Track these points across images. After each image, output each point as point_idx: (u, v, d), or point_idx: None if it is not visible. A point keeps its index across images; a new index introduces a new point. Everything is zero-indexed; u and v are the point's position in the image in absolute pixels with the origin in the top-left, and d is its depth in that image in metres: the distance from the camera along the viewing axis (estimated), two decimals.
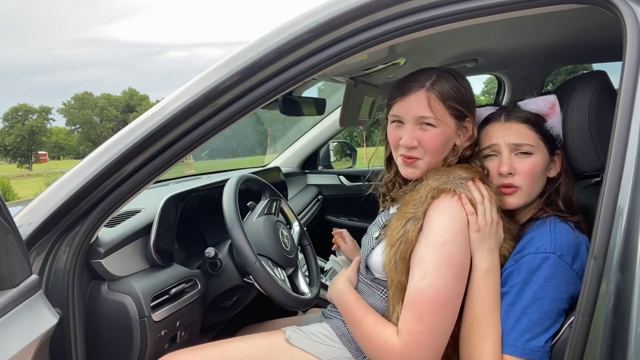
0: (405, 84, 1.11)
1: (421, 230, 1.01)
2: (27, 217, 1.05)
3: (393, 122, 1.13)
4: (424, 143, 1.08)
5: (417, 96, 1.08)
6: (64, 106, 66.70)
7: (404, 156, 1.11)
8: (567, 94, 1.09)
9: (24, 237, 0.99)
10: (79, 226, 1.08)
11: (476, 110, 1.18)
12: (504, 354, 0.96)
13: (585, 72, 1.28)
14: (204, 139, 1.05)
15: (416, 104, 1.07)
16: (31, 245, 1.05)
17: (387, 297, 1.09)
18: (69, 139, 68.28)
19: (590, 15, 1.09)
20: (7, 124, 59.82)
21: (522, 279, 0.98)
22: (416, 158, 1.10)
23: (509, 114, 1.14)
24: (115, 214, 1.12)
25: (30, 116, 60.84)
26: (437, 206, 1.02)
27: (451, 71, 1.13)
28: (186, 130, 1.04)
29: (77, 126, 67.54)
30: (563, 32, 1.46)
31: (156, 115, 1.04)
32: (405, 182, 1.16)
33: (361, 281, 1.18)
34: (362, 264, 1.18)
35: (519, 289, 0.98)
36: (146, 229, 1.33)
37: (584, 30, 1.41)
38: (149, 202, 1.46)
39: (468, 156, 1.13)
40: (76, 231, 1.08)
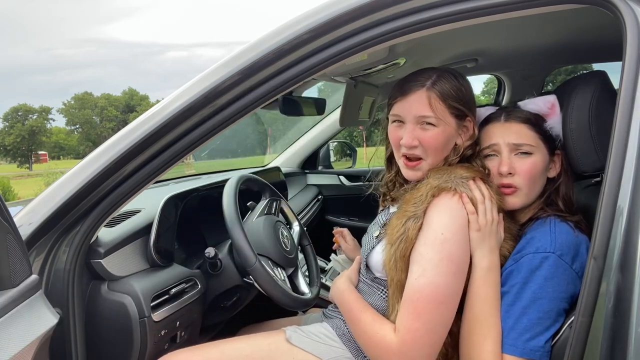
0: (405, 83, 1.11)
1: (421, 229, 1.01)
2: (27, 217, 1.05)
3: (394, 121, 1.13)
4: (425, 142, 1.08)
5: (417, 96, 1.08)
6: (64, 106, 66.71)
7: (406, 158, 1.11)
8: (567, 94, 1.09)
9: (24, 237, 0.99)
10: (79, 226, 1.08)
11: (477, 110, 1.19)
12: (504, 353, 0.96)
13: (585, 72, 1.28)
14: (204, 139, 1.05)
15: (417, 103, 1.08)
16: (31, 245, 1.05)
17: (388, 297, 1.09)
18: (69, 139, 68.27)
19: (590, 15, 1.09)
20: (7, 124, 59.83)
21: (522, 278, 0.98)
22: (419, 159, 1.10)
23: (509, 114, 1.14)
24: (115, 214, 1.12)
25: (30, 116, 60.84)
26: (437, 204, 1.02)
27: (451, 71, 1.13)
28: (186, 130, 1.04)
29: (77, 126, 67.54)
30: (563, 32, 1.46)
31: (156, 115, 1.04)
32: (406, 182, 1.17)
33: (362, 281, 1.18)
34: (362, 263, 1.18)
35: (519, 288, 0.98)
36: (146, 229, 1.33)
37: (584, 30, 1.41)
38: (149, 202, 1.46)
39: (469, 155, 1.13)
40: (76, 231, 1.08)
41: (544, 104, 1.13)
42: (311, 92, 2.05)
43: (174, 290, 1.27)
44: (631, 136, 0.77)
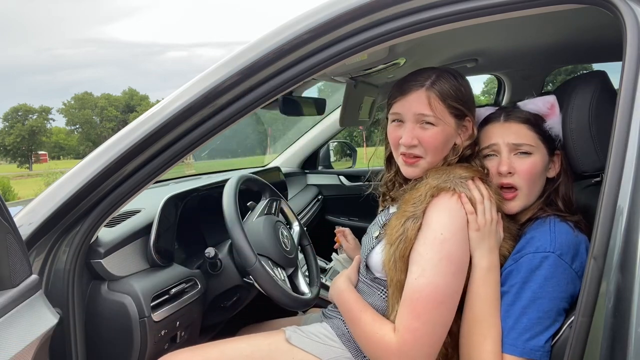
0: (405, 83, 1.11)
1: (420, 229, 1.01)
2: (27, 217, 1.05)
3: (393, 121, 1.13)
4: (424, 142, 1.08)
5: (417, 95, 1.08)
6: (64, 106, 66.71)
7: (404, 155, 1.11)
8: (567, 94, 1.09)
9: (24, 237, 0.99)
10: (79, 226, 1.08)
11: (476, 110, 1.19)
12: (504, 353, 0.96)
13: (585, 72, 1.28)
14: (204, 139, 1.05)
15: (416, 102, 1.08)
16: (31, 245, 1.05)
17: (387, 297, 1.09)
18: (69, 139, 68.27)
19: (590, 15, 1.09)
20: (7, 124, 59.83)
21: (522, 278, 0.98)
22: (418, 157, 1.10)
23: (509, 114, 1.14)
24: (115, 214, 1.12)
25: (30, 116, 60.83)
26: (436, 204, 1.02)
27: (451, 71, 1.13)
28: (186, 130, 1.04)
29: (77, 126, 67.53)
30: (563, 32, 1.46)
31: (156, 115, 1.04)
32: (406, 182, 1.17)
33: (361, 281, 1.18)
34: (362, 263, 1.18)
35: (519, 288, 0.98)
36: (146, 229, 1.33)
37: (584, 30, 1.41)
38: (149, 202, 1.46)
39: (468, 155, 1.13)
40: (76, 231, 1.08)
41: (543, 105, 1.13)
42: (311, 92, 2.05)
43: (174, 290, 1.27)
44: (631, 136, 0.77)
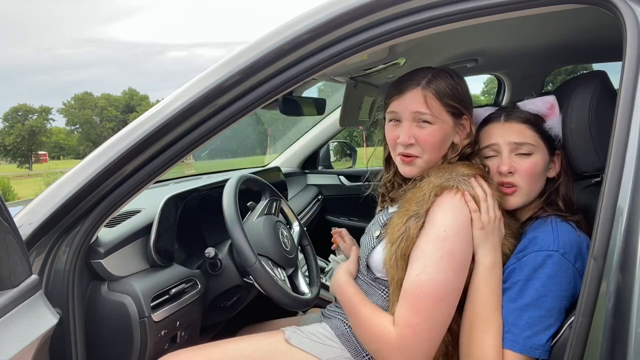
0: (401, 82, 1.11)
1: (423, 227, 1.02)
2: (27, 217, 1.05)
3: (390, 120, 1.14)
4: (421, 140, 1.08)
5: (413, 94, 1.08)
6: (64, 106, 66.68)
7: (402, 154, 1.11)
8: (567, 94, 1.09)
9: (24, 237, 0.99)
10: (79, 226, 1.08)
11: (476, 111, 1.19)
12: (505, 348, 0.97)
13: (585, 72, 1.28)
14: (204, 139, 1.05)
15: (413, 101, 1.08)
16: (31, 245, 1.05)
17: (388, 296, 1.09)
18: (69, 139, 68.24)
19: (590, 15, 1.09)
20: (7, 124, 59.80)
21: (525, 276, 0.98)
22: (414, 156, 1.10)
23: (509, 114, 1.14)
24: (115, 214, 1.12)
25: (30, 116, 60.81)
26: (440, 204, 1.02)
27: (447, 70, 1.13)
28: (186, 130, 1.04)
29: (77, 126, 67.50)
30: (563, 32, 1.46)
31: (156, 115, 1.04)
32: (405, 182, 1.17)
33: (362, 281, 1.18)
34: (362, 263, 1.18)
35: (522, 285, 0.98)
36: (146, 229, 1.33)
37: (584, 30, 1.41)
38: (149, 202, 1.46)
39: (468, 154, 1.13)
40: (76, 231, 1.08)
41: (543, 105, 1.13)
42: (311, 92, 2.05)
43: (174, 291, 1.27)
44: (631, 136, 0.77)
